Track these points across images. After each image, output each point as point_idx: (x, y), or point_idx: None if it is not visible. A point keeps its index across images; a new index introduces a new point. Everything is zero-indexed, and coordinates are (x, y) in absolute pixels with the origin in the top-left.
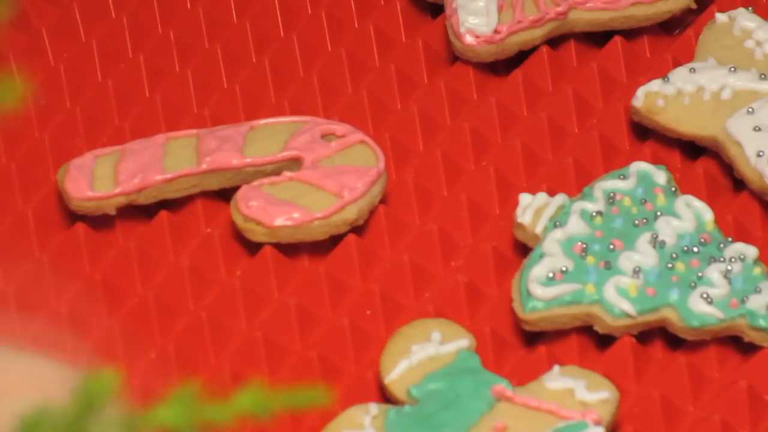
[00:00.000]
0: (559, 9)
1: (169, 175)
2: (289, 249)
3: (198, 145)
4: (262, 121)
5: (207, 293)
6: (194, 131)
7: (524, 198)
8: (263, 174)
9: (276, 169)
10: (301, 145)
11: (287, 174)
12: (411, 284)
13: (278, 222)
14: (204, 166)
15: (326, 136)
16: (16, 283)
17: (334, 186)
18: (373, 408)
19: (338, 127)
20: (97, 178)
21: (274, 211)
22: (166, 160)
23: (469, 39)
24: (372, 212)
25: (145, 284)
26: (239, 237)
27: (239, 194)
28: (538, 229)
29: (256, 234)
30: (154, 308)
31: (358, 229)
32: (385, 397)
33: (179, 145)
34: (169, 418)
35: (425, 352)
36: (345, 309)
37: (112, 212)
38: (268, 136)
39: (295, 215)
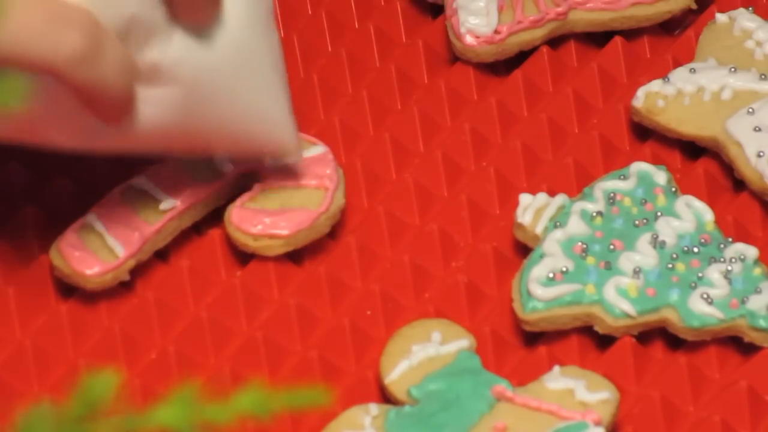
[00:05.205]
0: (559, 9)
1: (158, 224)
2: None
3: (152, 190)
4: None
5: (207, 293)
6: (127, 183)
7: (524, 198)
8: (221, 197)
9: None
10: None
11: (258, 185)
12: (411, 284)
13: (293, 230)
14: (180, 205)
15: None
16: (15, 285)
17: (312, 179)
18: (374, 408)
19: None
20: (98, 250)
21: (282, 221)
22: (142, 213)
23: (469, 39)
24: (372, 213)
25: (146, 285)
26: None
27: (236, 221)
28: (539, 230)
29: (275, 248)
30: (154, 308)
31: (358, 230)
32: (386, 397)
33: (137, 195)
34: (169, 418)
35: (425, 352)
36: (345, 309)
37: (127, 278)
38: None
39: (303, 217)
